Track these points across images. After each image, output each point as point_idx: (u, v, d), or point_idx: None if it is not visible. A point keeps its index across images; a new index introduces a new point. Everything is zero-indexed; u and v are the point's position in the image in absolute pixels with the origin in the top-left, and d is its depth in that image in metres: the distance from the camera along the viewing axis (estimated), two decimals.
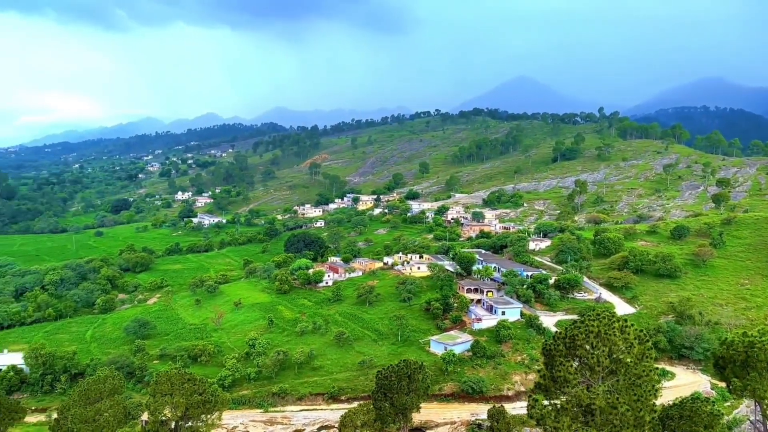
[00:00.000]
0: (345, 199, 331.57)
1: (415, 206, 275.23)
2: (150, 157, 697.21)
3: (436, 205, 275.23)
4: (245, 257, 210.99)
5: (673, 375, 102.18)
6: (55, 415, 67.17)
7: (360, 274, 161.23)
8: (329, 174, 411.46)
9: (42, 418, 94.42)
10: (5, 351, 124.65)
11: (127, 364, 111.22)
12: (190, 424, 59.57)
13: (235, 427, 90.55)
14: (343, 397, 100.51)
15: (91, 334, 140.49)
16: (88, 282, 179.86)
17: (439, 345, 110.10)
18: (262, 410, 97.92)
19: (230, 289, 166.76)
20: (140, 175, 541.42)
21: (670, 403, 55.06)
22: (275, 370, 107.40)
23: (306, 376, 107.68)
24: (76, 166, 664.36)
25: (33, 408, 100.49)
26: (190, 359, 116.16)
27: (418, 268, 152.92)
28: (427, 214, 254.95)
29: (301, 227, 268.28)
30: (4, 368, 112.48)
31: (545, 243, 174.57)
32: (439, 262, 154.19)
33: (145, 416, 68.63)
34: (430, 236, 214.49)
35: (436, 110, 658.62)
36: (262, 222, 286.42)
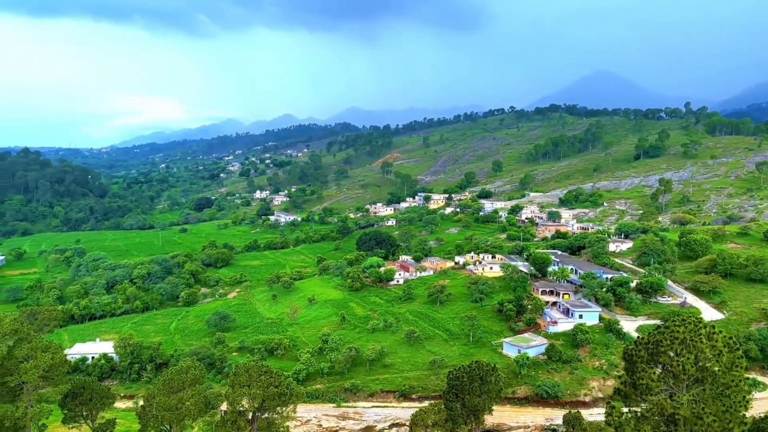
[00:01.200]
0: (416, 198, 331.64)
1: (488, 205, 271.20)
2: (231, 157, 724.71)
3: (509, 204, 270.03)
4: (319, 255, 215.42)
5: (765, 386, 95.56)
6: (141, 403, 71.12)
7: (431, 273, 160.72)
8: (401, 173, 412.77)
9: (130, 404, 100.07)
10: (97, 340, 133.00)
11: (208, 356, 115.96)
12: (266, 415, 61.42)
13: (309, 420, 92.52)
14: (413, 396, 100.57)
15: (175, 325, 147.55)
16: (172, 276, 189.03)
17: (512, 347, 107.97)
18: (334, 405, 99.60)
19: (305, 285, 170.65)
20: (221, 175, 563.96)
21: (762, 415, 51.34)
22: (347, 366, 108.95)
23: (377, 373, 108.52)
24: (163, 166, 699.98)
25: (122, 394, 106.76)
26: (267, 352, 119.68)
27: (491, 268, 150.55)
28: (500, 213, 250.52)
29: (372, 226, 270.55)
30: (96, 356, 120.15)
31: (626, 245, 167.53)
32: (513, 263, 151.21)
33: (224, 406, 71.42)
34: (503, 236, 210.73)
35: (511, 107, 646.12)
36: (335, 220, 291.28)
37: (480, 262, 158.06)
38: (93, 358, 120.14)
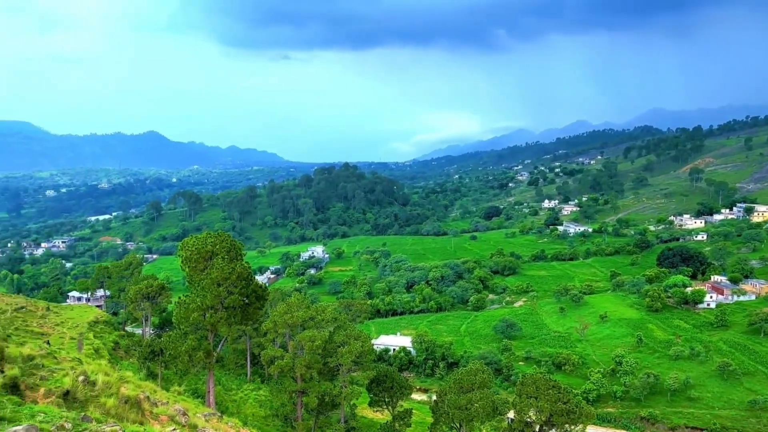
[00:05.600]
0: (734, 209, 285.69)
1: None
2: (519, 166, 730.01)
3: None
4: (612, 269, 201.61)
5: None
6: (434, 397, 76.01)
7: (752, 297, 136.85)
8: (714, 180, 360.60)
9: (424, 397, 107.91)
10: (398, 334, 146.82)
11: (495, 361, 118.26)
12: (553, 431, 59.68)
13: None
14: None
15: (464, 328, 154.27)
16: (463, 281, 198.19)
17: None
18: None
19: (595, 300, 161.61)
20: (510, 184, 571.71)
21: None
22: (644, 393, 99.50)
23: (680, 405, 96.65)
24: (456, 176, 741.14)
25: (417, 387, 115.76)
26: (554, 366, 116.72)
27: None
28: None
29: (677, 239, 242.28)
30: (397, 348, 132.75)
31: None
32: None
33: (510, 414, 71.71)
34: None
35: None
36: (632, 232, 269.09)
37: None
38: (394, 350, 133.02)
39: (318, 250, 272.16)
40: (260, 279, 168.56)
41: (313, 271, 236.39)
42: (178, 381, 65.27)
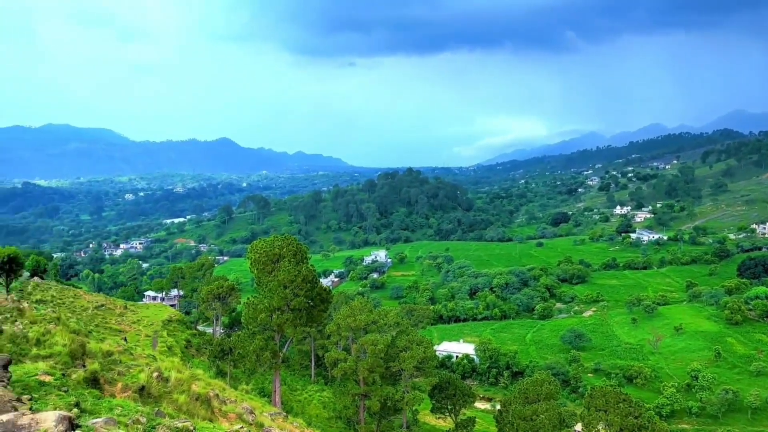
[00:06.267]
0: None
1: None
2: (589, 171, 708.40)
3: None
4: (688, 279, 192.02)
5: None
6: (498, 407, 74.68)
7: None
8: None
9: (488, 406, 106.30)
10: (461, 340, 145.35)
11: (562, 372, 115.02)
12: None
13: None
14: None
15: (530, 337, 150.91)
16: (528, 288, 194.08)
17: None
18: None
19: (669, 311, 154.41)
20: (579, 190, 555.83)
21: None
22: (722, 410, 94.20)
23: (762, 423, 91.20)
24: (522, 181, 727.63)
25: (480, 395, 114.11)
26: (625, 379, 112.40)
27: None
28: None
29: (759, 249, 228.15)
30: (460, 355, 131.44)
31: None
32: None
33: (578, 427, 69.45)
34: None
35: None
36: (710, 241, 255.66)
37: None
38: (457, 356, 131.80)
39: (381, 255, 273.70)
40: (324, 282, 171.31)
41: (375, 276, 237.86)
42: (246, 380, 67.11)
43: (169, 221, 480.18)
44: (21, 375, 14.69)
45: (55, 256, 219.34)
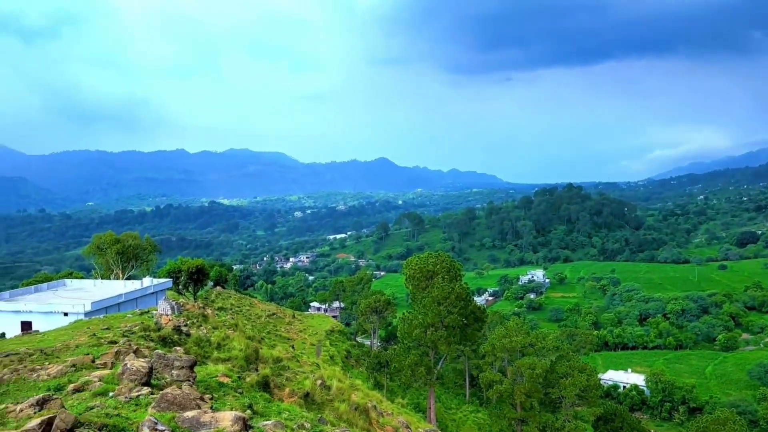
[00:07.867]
0: None
1: None
2: None
3: None
4: None
5: None
6: None
7: None
8: None
9: None
10: (629, 370, 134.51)
11: (749, 411, 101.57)
12: None
13: None
14: None
15: (710, 370, 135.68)
16: (709, 316, 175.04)
17: None
18: None
19: None
20: None
21: None
22: None
23: None
24: (701, 197, 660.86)
25: (652, 431, 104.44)
26: None
27: None
28: None
29: None
30: (628, 386, 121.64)
31: None
32: None
33: None
34: None
35: None
36: None
37: None
38: (624, 387, 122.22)
39: (538, 274, 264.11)
40: (478, 300, 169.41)
41: (532, 296, 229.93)
42: (402, 393, 68.26)
43: (332, 237, 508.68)
44: (204, 375, 16.36)
45: (234, 267, 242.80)
